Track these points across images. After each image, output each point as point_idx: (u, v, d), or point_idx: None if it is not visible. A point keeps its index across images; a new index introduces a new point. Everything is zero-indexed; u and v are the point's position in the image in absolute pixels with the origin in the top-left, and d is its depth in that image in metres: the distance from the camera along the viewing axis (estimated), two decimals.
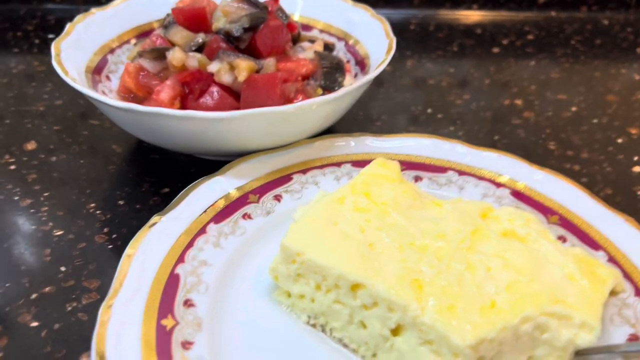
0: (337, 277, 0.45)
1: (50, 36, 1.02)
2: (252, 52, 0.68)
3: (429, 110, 0.83)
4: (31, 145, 0.73)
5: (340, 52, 0.80)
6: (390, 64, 0.94)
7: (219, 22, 0.69)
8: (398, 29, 1.09)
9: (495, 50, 1.03)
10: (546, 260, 0.46)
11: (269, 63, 0.66)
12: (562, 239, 0.54)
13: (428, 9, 1.16)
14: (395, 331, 0.43)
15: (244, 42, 0.67)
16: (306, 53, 0.71)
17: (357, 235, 0.47)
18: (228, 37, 0.67)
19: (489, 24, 1.13)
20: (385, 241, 0.47)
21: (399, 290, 0.42)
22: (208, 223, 0.54)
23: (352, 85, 0.60)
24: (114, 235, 0.59)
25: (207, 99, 0.65)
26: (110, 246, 0.58)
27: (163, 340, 0.43)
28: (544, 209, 0.57)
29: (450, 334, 0.40)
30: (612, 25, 1.14)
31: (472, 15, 1.16)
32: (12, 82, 0.88)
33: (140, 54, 0.67)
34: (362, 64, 0.75)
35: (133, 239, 0.50)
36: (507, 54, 1.01)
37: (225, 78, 0.64)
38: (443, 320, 0.40)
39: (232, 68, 0.65)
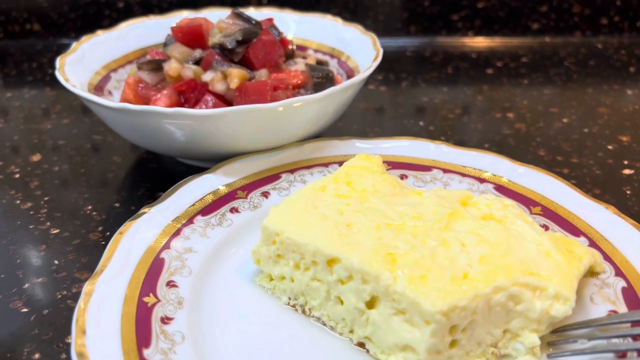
0: (314, 253, 0.46)
1: None
2: (246, 65, 0.71)
3: (421, 123, 0.85)
4: (36, 157, 0.76)
5: (333, 68, 0.83)
6: (385, 85, 0.97)
7: (215, 38, 0.73)
8: (395, 56, 1.13)
9: (489, 71, 1.05)
10: (522, 237, 0.47)
11: (261, 73, 0.70)
12: (544, 227, 0.55)
13: (424, 36, 1.20)
14: (370, 304, 0.44)
15: (237, 55, 0.71)
16: (298, 65, 0.75)
17: (335, 216, 0.49)
18: (222, 50, 0.70)
19: (484, 49, 1.16)
20: (362, 221, 0.48)
21: (372, 261, 0.43)
22: (196, 215, 0.56)
23: (337, 86, 0.63)
24: (108, 233, 0.61)
25: (201, 107, 0.67)
26: (103, 242, 0.60)
27: (143, 315, 0.44)
28: (527, 201, 0.58)
29: (421, 300, 0.40)
30: (606, 48, 1.16)
31: (467, 42, 1.19)
32: (23, 105, 0.92)
33: (139, 67, 0.71)
34: (351, 76, 0.78)
35: (122, 226, 0.52)
36: (500, 74, 1.04)
37: (219, 87, 0.68)
38: (414, 288, 0.41)
39: (225, 77, 0.68)
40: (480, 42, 1.19)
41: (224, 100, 0.68)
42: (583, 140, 0.80)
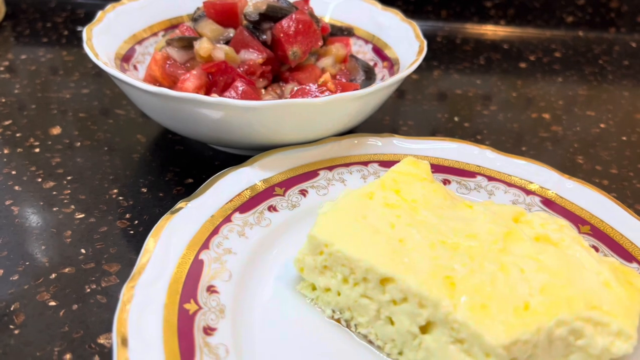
0: (366, 270, 0.43)
1: (79, 28, 1.03)
2: (276, 45, 0.67)
3: (456, 119, 0.82)
4: (56, 130, 0.73)
5: (368, 54, 0.79)
6: (416, 73, 0.94)
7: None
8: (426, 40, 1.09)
9: (522, 65, 1.02)
10: (581, 265, 0.45)
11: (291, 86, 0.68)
12: (594, 248, 0.53)
13: (455, 22, 1.16)
14: (424, 328, 0.42)
15: (264, 33, 0.67)
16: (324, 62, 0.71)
17: (387, 230, 0.46)
18: (249, 24, 0.67)
19: (516, 39, 1.12)
20: (416, 237, 0.46)
21: (431, 285, 0.41)
22: (233, 212, 0.53)
23: (384, 82, 0.60)
24: (136, 222, 0.58)
25: (231, 93, 0.64)
26: (131, 232, 0.57)
27: (185, 324, 0.42)
28: (576, 218, 0.56)
29: (483, 332, 0.38)
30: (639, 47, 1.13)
31: (499, 31, 1.15)
32: (39, 70, 0.88)
33: (169, 43, 0.67)
34: (390, 67, 0.74)
35: (158, 223, 0.49)
36: (534, 69, 1.01)
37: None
38: (476, 319, 0.39)
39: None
40: (511, 31, 1.15)
41: (255, 87, 0.65)
42: (622, 149, 0.78)
